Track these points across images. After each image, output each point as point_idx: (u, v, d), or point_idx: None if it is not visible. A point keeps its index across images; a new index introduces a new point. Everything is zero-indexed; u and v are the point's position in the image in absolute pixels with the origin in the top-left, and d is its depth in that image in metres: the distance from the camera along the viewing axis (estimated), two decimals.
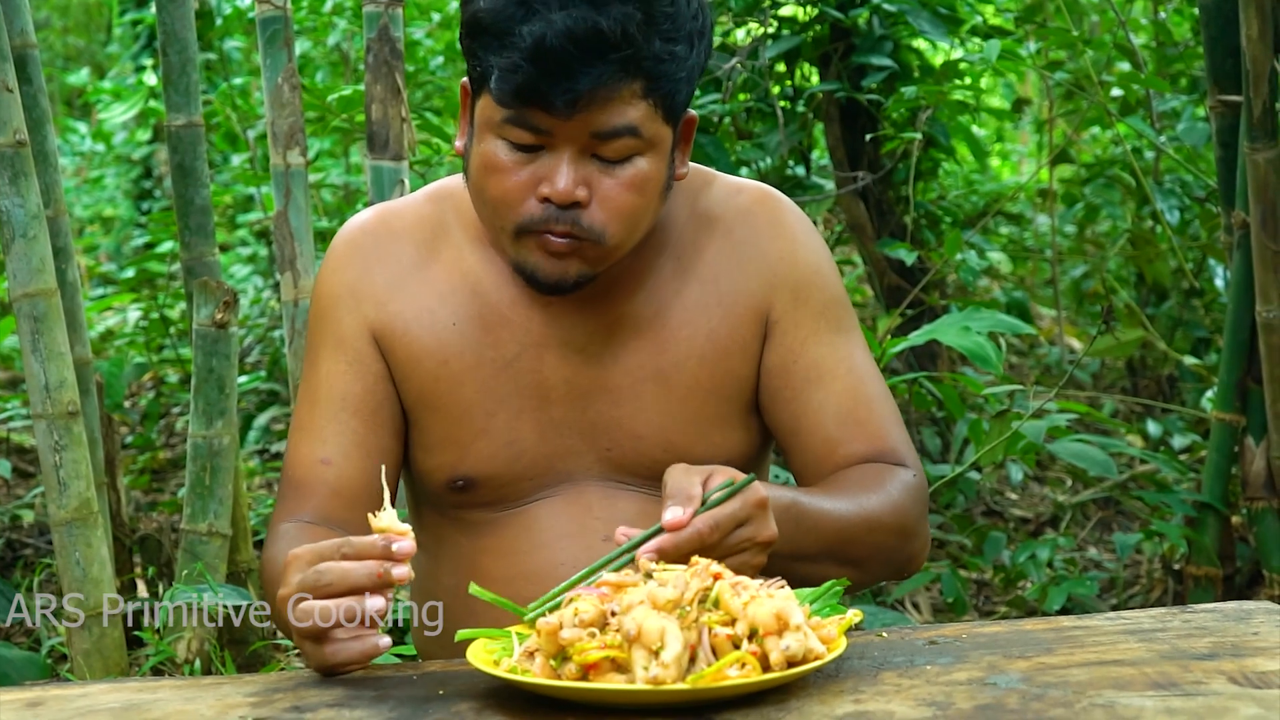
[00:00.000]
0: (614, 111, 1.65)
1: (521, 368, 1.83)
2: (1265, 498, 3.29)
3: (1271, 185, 3.10)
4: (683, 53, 1.67)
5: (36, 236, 2.58)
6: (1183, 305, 4.80)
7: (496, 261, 1.85)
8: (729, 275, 1.85)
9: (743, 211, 1.88)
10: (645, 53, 1.63)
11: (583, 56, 1.60)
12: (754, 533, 1.56)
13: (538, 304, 1.83)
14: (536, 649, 1.42)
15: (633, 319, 1.84)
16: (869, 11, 3.88)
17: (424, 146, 3.97)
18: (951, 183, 5.46)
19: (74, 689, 1.54)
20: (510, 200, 1.70)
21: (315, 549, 1.51)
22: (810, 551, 1.69)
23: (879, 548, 1.77)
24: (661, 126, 1.70)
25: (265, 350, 5.56)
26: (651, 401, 1.82)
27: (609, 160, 1.69)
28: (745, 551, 1.55)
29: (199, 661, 2.79)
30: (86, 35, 10.41)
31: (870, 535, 1.75)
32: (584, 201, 1.68)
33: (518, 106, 1.65)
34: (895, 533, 1.78)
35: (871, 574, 1.81)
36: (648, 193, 1.72)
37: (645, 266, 1.84)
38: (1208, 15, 3.35)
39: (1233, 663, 1.44)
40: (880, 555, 1.78)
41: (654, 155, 1.71)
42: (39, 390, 2.58)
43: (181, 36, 3.09)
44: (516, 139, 1.68)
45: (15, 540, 4.00)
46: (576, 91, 1.62)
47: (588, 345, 1.83)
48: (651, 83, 1.66)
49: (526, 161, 1.69)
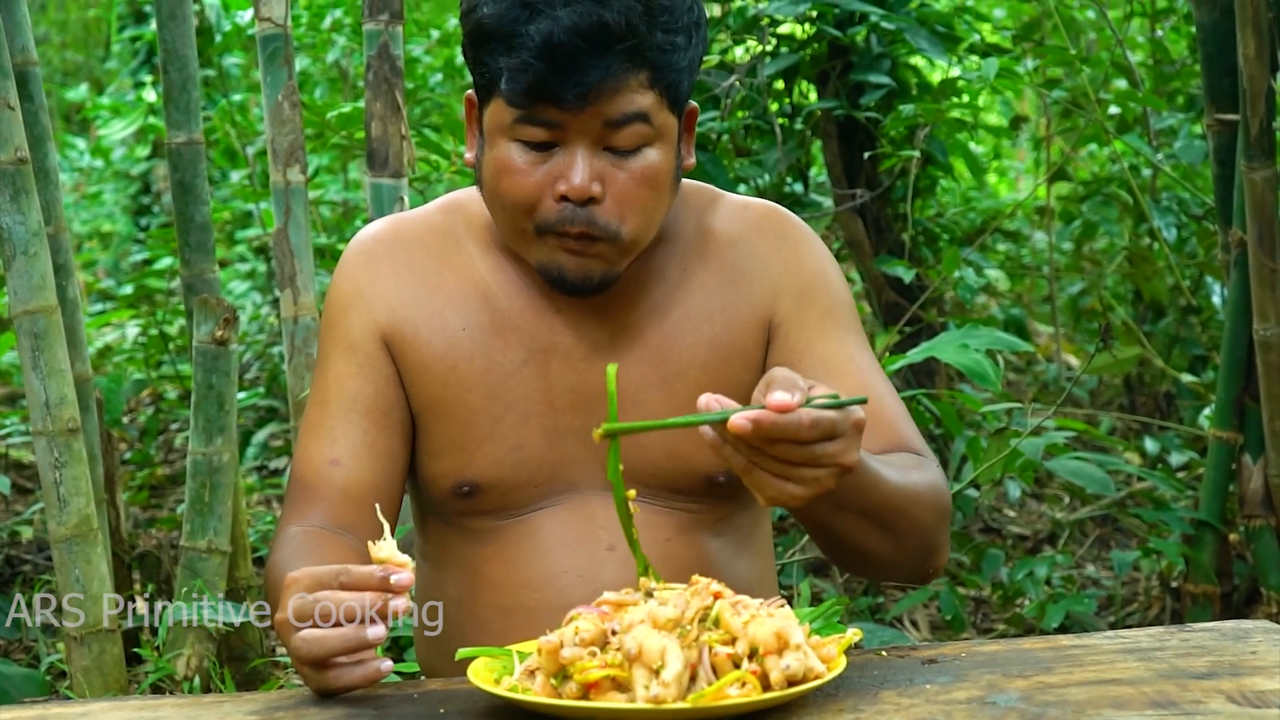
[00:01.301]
0: (623, 100, 1.69)
1: (528, 374, 1.84)
2: (1263, 515, 3.29)
3: (1268, 203, 3.11)
4: (682, 43, 1.71)
5: (37, 254, 2.59)
6: (1180, 323, 4.80)
7: (506, 269, 1.87)
8: (733, 284, 1.87)
9: (748, 225, 1.90)
10: (648, 43, 1.68)
11: (590, 50, 1.64)
12: (841, 450, 1.48)
13: (546, 311, 1.85)
14: (537, 667, 1.42)
15: (638, 327, 1.85)
16: (867, 30, 3.89)
17: (423, 163, 3.97)
18: (949, 200, 5.46)
19: (75, 706, 1.54)
20: (528, 201, 1.73)
21: (313, 575, 1.51)
22: (860, 506, 1.64)
23: (917, 524, 1.73)
24: (668, 115, 1.74)
25: (264, 367, 5.56)
26: (655, 409, 1.82)
27: (621, 152, 1.71)
28: (824, 468, 1.48)
29: (198, 678, 2.79)
30: (85, 51, 10.42)
31: (913, 508, 1.71)
32: (599, 197, 1.71)
33: (529, 105, 1.68)
34: (934, 512, 1.74)
35: (904, 552, 1.74)
36: (659, 184, 1.75)
37: (652, 276, 1.86)
38: (1205, 34, 3.36)
39: (1231, 682, 1.44)
40: (916, 533, 1.73)
41: (662, 145, 1.74)
42: (39, 407, 2.58)
43: (182, 54, 3.10)
44: (529, 137, 1.71)
45: (14, 556, 4.00)
46: (586, 84, 1.65)
47: (593, 353, 1.84)
48: (656, 72, 1.70)
49: (540, 161, 1.72)
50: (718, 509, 1.89)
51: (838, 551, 1.75)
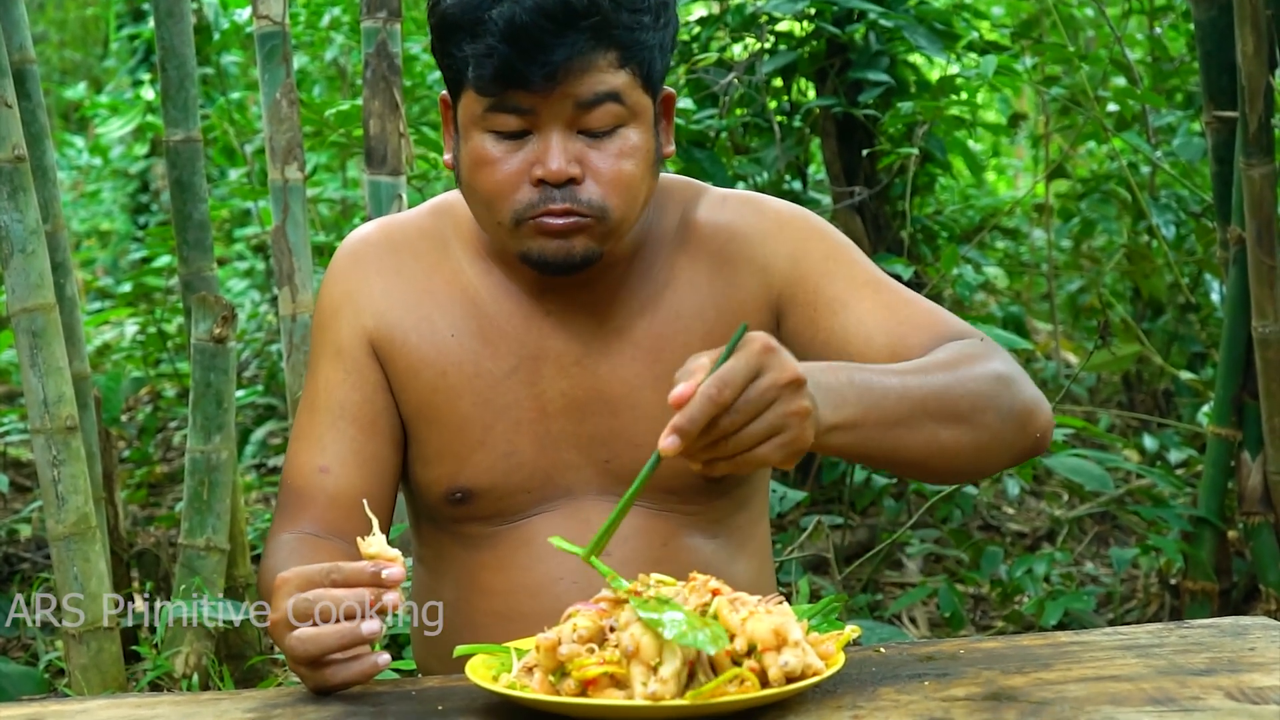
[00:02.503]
0: (594, 79, 1.67)
1: (519, 380, 1.83)
2: (1261, 512, 3.29)
3: (1267, 200, 3.11)
4: (649, 21, 1.70)
5: (35, 251, 2.59)
6: (1179, 320, 4.80)
7: (494, 274, 1.86)
8: (721, 275, 1.85)
9: (728, 213, 1.88)
10: (614, 20, 1.66)
11: (554, 29, 1.63)
12: (774, 378, 1.41)
13: (535, 316, 1.84)
14: (535, 664, 1.42)
15: (628, 328, 1.84)
16: (865, 27, 3.89)
17: (421, 161, 3.97)
18: (948, 198, 5.47)
19: (73, 704, 1.54)
20: (504, 190, 1.71)
21: (304, 574, 1.51)
22: (900, 414, 1.55)
23: (984, 396, 1.63)
24: (642, 96, 1.72)
25: (262, 365, 5.57)
26: (649, 410, 1.81)
27: (596, 133, 1.70)
28: (777, 403, 1.41)
29: (196, 676, 2.79)
30: (83, 50, 10.42)
31: (971, 383, 1.62)
32: (578, 178, 1.69)
33: (497, 91, 1.67)
34: (998, 380, 1.64)
35: (990, 430, 1.63)
36: (639, 162, 1.73)
37: (639, 276, 1.85)
38: (1203, 31, 3.36)
39: (1230, 678, 1.44)
40: (991, 406, 1.63)
41: (639, 126, 1.72)
42: (37, 405, 2.58)
43: (180, 52, 3.10)
44: (501, 126, 1.70)
45: (13, 554, 4.00)
46: (553, 64, 1.65)
47: (584, 357, 1.83)
48: (625, 51, 1.68)
49: (514, 149, 1.70)
50: (714, 510, 1.88)
51: (924, 469, 1.66)
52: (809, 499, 3.86)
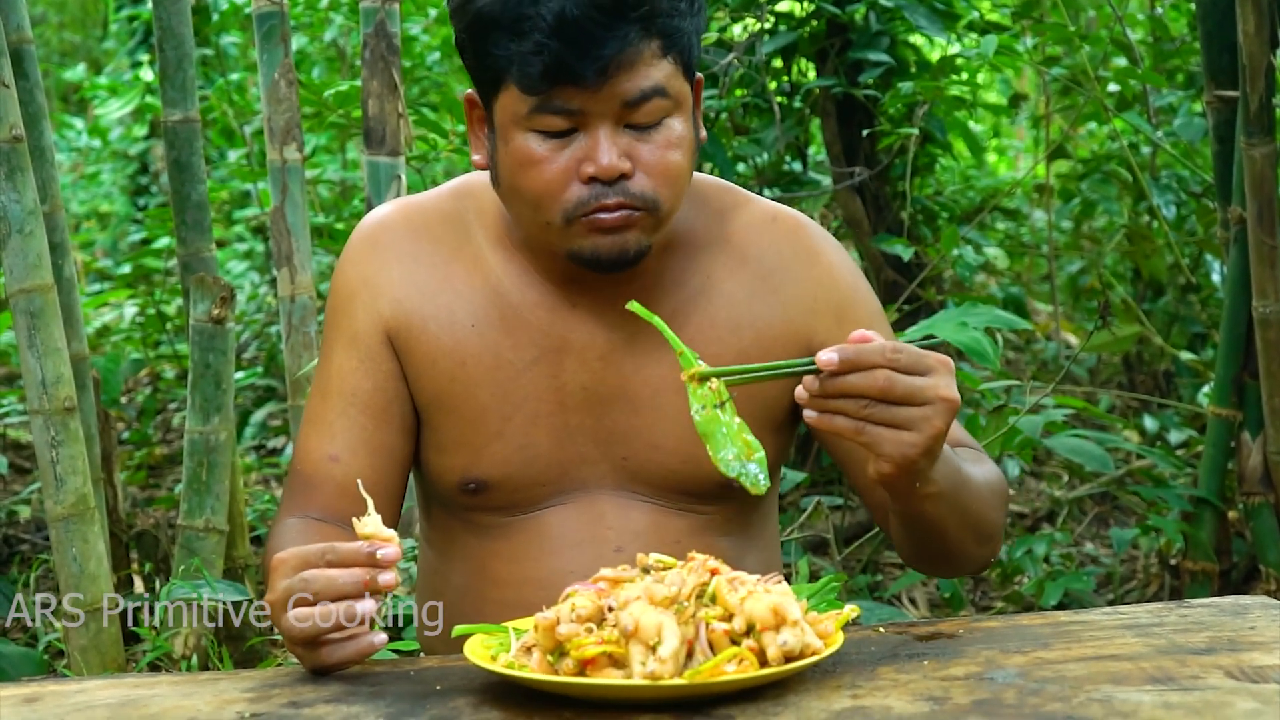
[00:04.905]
0: (640, 75, 1.65)
1: (539, 372, 1.81)
2: (1261, 493, 3.29)
3: (1268, 180, 3.10)
4: (686, 8, 1.69)
5: (33, 232, 2.58)
6: (1179, 300, 4.80)
7: (517, 262, 1.83)
8: (763, 300, 1.83)
9: (778, 238, 1.86)
10: (658, 9, 1.64)
11: (606, 21, 1.61)
12: (938, 384, 1.48)
13: (560, 307, 1.81)
14: (534, 644, 1.42)
15: (656, 329, 1.82)
16: (866, 7, 3.88)
17: (420, 142, 3.96)
18: (948, 178, 5.46)
19: (71, 685, 1.54)
20: (553, 190, 1.68)
21: (300, 554, 1.50)
22: (949, 487, 1.63)
23: (990, 509, 1.73)
24: (683, 84, 1.71)
25: (262, 346, 5.56)
26: (671, 412, 1.79)
27: (643, 127, 1.68)
28: (928, 405, 1.48)
29: (196, 657, 2.79)
30: (82, 31, 10.41)
31: (986, 494, 1.72)
32: (629, 173, 1.67)
33: (546, 88, 1.63)
34: (1000, 498, 1.75)
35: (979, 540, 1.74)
36: (685, 152, 1.71)
37: (671, 279, 1.82)
38: (1204, 10, 3.35)
39: (1230, 657, 1.44)
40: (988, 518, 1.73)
41: (682, 115, 1.71)
42: (36, 386, 2.57)
43: (178, 32, 3.09)
44: (548, 126, 1.67)
45: (12, 536, 4.00)
46: (604, 59, 1.62)
47: (609, 352, 1.81)
48: (668, 39, 1.66)
49: (561, 148, 1.67)
50: (728, 510, 1.87)
51: (922, 548, 1.74)
52: (809, 480, 3.86)
